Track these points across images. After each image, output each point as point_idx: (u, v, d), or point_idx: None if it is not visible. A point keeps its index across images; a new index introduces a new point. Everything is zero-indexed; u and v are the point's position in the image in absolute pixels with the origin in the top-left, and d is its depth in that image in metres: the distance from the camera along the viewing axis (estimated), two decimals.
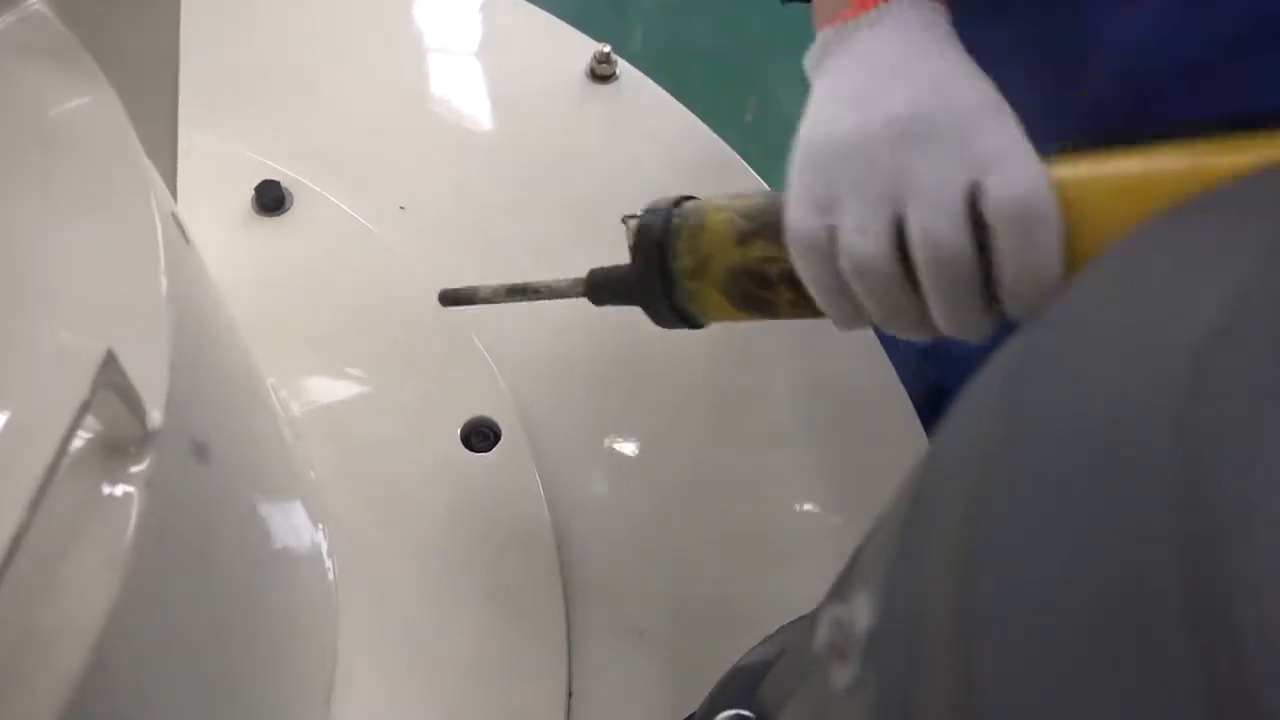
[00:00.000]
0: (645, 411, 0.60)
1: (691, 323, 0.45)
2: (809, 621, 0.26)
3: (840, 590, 0.21)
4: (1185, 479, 0.13)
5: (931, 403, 0.70)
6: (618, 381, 0.61)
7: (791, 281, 0.40)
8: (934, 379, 0.70)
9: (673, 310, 0.44)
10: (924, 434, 0.59)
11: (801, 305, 0.41)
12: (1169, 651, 0.13)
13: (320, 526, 0.52)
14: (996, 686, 0.14)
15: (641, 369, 0.62)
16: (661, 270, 0.43)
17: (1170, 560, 0.13)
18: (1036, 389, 0.17)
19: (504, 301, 0.50)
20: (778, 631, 0.39)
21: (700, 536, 0.57)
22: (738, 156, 0.70)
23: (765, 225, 0.40)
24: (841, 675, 0.18)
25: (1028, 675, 0.14)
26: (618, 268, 0.46)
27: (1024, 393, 0.17)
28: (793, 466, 0.59)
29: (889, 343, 0.69)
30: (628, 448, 0.59)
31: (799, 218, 0.37)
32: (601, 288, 0.46)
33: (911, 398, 0.64)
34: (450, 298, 0.52)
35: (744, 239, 0.41)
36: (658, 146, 0.70)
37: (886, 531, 0.20)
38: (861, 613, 0.19)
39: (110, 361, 0.29)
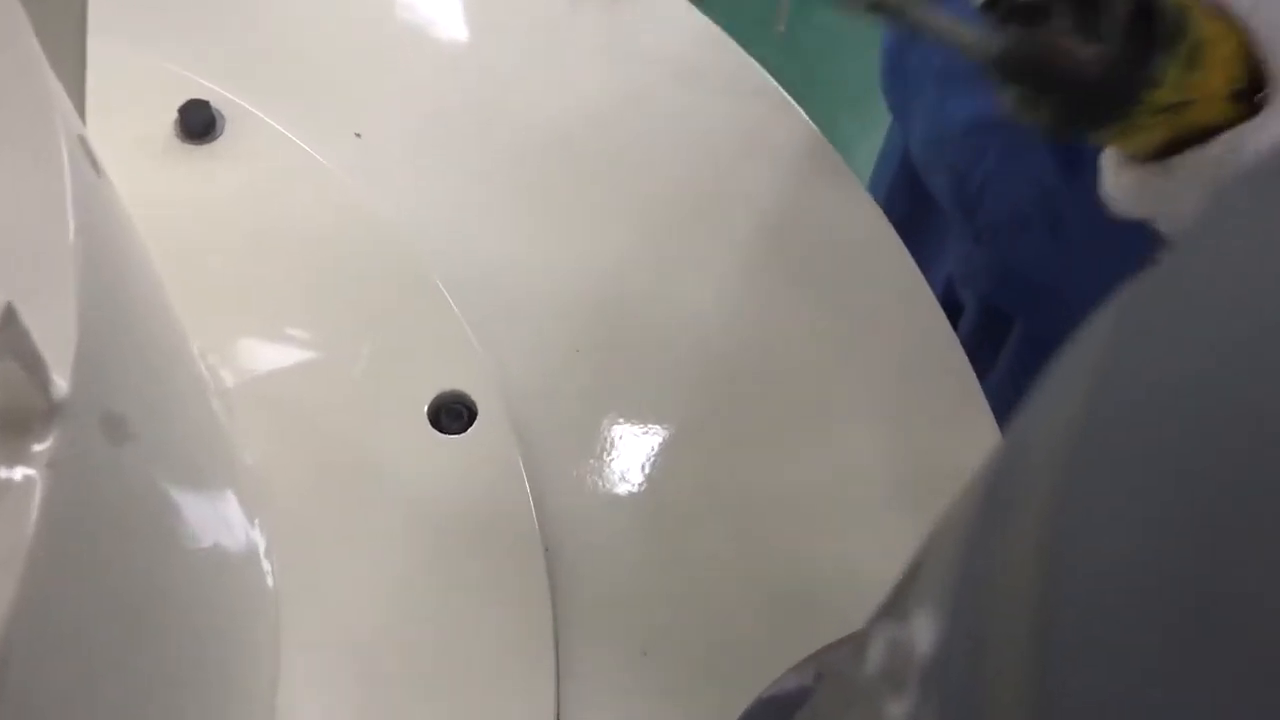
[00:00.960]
0: (650, 391, 0.61)
1: (1071, 137, 0.43)
2: (854, 644, 0.26)
3: (896, 606, 0.21)
4: None
5: (983, 323, 0.71)
6: (618, 354, 0.61)
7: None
8: (985, 293, 0.71)
9: (1087, 123, 0.42)
10: (988, 411, 0.60)
11: None
12: None
13: (257, 522, 0.52)
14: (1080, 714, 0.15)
15: (646, 340, 0.62)
16: (1132, 84, 0.40)
17: None
18: (1146, 344, 0.16)
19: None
20: (812, 655, 0.39)
21: (714, 540, 0.57)
22: (771, 80, 0.70)
23: (1256, 84, 0.39)
24: (896, 708, 0.19)
25: (1119, 704, 0.14)
26: (1062, 40, 0.40)
27: (1130, 353, 0.17)
28: (825, 461, 0.59)
29: (939, 247, 0.71)
30: (629, 432, 0.59)
31: None
32: (1028, 62, 0.41)
33: (955, 312, 0.64)
34: None
35: (1236, 98, 0.40)
36: (667, 64, 0.70)
37: (952, 534, 0.20)
38: (922, 633, 0.19)
39: (9, 318, 0.29)
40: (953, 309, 0.73)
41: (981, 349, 0.63)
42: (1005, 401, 0.63)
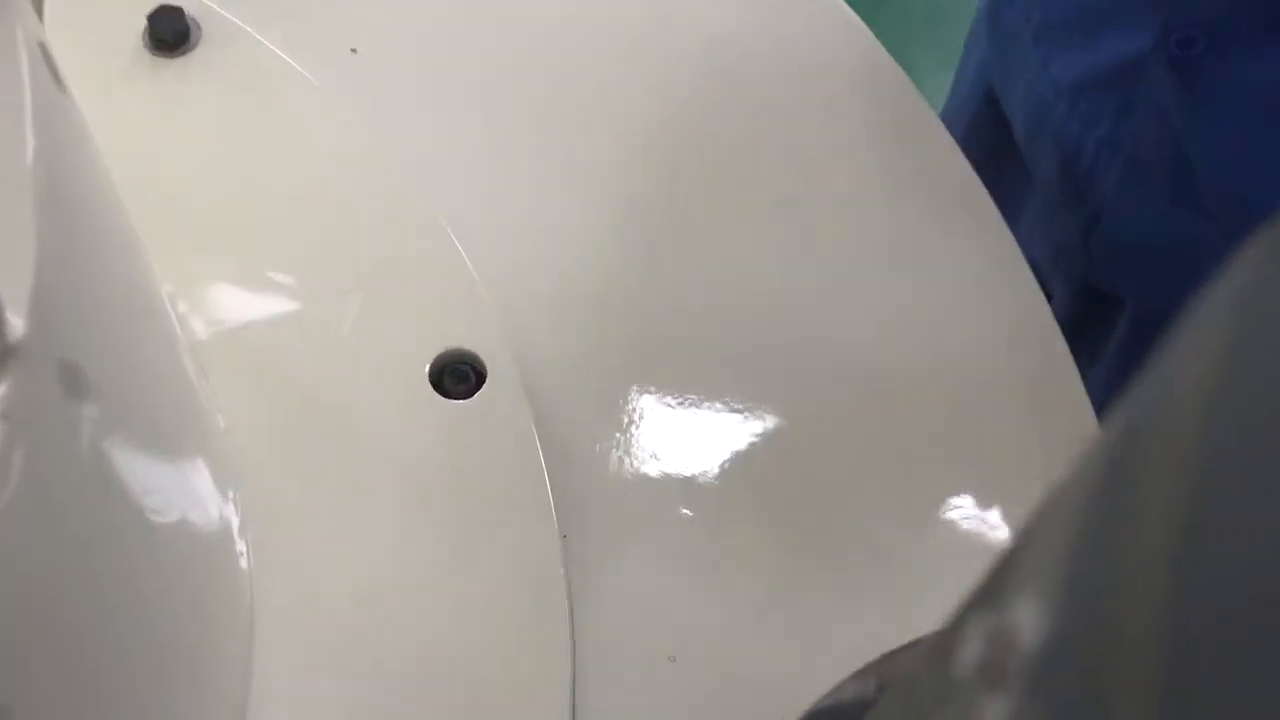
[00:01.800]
0: (684, 356, 0.60)
1: None
2: (926, 648, 0.26)
3: (992, 592, 0.21)
4: None
5: (1086, 299, 0.70)
6: (649, 312, 0.61)
7: None
8: (1091, 274, 0.71)
9: None
10: (1086, 399, 0.59)
11: None
12: None
13: (231, 494, 0.52)
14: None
15: (682, 297, 0.61)
16: None
17: None
18: None
19: None
20: (873, 663, 0.39)
21: (753, 531, 0.57)
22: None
23: None
24: (996, 709, 0.18)
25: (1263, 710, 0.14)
26: None
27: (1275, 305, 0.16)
28: (884, 446, 0.59)
29: (1018, 216, 0.71)
30: (660, 404, 0.59)
31: None
32: None
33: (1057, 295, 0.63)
34: None
35: None
36: None
37: (1064, 509, 0.19)
38: (1027, 623, 0.19)
39: None
40: None
41: (1077, 341, 0.61)
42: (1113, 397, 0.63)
